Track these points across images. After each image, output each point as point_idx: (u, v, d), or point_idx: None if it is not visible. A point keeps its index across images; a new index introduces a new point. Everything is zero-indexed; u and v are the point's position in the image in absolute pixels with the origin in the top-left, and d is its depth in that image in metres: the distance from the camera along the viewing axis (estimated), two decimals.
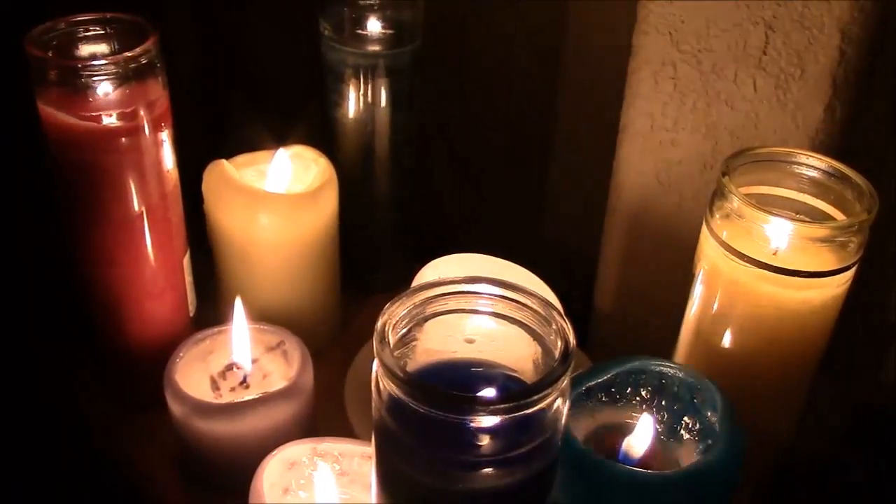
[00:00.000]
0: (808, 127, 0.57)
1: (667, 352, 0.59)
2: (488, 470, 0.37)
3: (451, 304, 0.41)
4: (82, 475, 0.67)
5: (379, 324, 0.38)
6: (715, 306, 0.53)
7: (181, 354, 0.60)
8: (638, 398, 0.51)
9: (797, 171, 0.53)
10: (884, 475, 0.59)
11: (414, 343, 0.41)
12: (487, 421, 0.36)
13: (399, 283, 0.73)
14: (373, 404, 0.39)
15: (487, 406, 0.36)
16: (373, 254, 0.77)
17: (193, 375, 0.60)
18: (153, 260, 0.61)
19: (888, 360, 0.62)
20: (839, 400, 0.62)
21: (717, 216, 0.52)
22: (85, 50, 0.58)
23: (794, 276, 0.50)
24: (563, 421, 0.39)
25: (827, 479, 0.61)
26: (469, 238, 0.79)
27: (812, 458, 0.62)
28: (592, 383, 0.51)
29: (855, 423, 0.63)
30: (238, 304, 0.61)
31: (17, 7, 0.61)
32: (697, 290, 0.55)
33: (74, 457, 0.67)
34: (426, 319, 0.41)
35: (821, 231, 0.50)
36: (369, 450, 0.41)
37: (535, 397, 0.36)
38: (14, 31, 0.56)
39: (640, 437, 0.49)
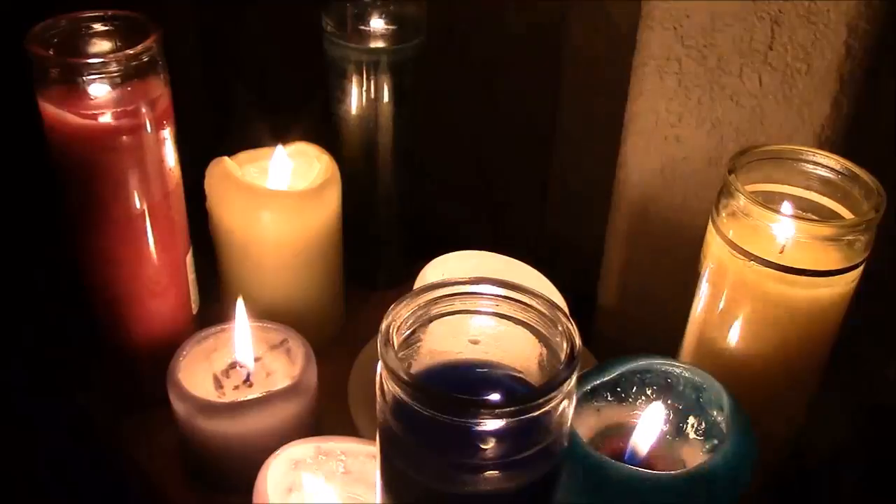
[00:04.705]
0: (815, 123, 0.56)
1: (672, 350, 0.58)
2: (493, 473, 0.37)
3: (456, 305, 0.41)
4: (85, 474, 0.67)
5: (383, 326, 0.38)
6: (721, 305, 0.53)
7: (184, 353, 0.59)
8: (643, 397, 0.51)
9: (804, 168, 0.53)
10: (892, 474, 0.59)
11: (418, 344, 0.41)
12: (493, 424, 0.36)
13: (403, 280, 0.73)
14: (377, 406, 0.39)
15: (493, 409, 0.36)
16: (376, 251, 0.77)
17: (197, 374, 0.60)
18: (155, 258, 0.61)
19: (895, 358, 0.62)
20: (847, 399, 0.62)
21: (724, 214, 0.52)
22: (86, 48, 0.58)
23: (800, 274, 0.49)
24: (569, 423, 0.39)
25: (835, 479, 0.61)
26: (473, 234, 0.78)
27: (819, 458, 0.61)
28: (598, 382, 0.51)
29: (863, 422, 0.62)
30: (240, 303, 0.61)
31: (18, 4, 0.61)
32: (703, 289, 0.54)
33: (78, 455, 0.67)
34: (431, 320, 0.40)
35: (828, 230, 0.50)
36: (373, 449, 0.41)
37: (541, 400, 0.36)
38: (15, 29, 0.55)
39: (646, 431, 0.49)
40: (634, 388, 0.51)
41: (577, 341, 0.38)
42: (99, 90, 0.55)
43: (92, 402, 0.67)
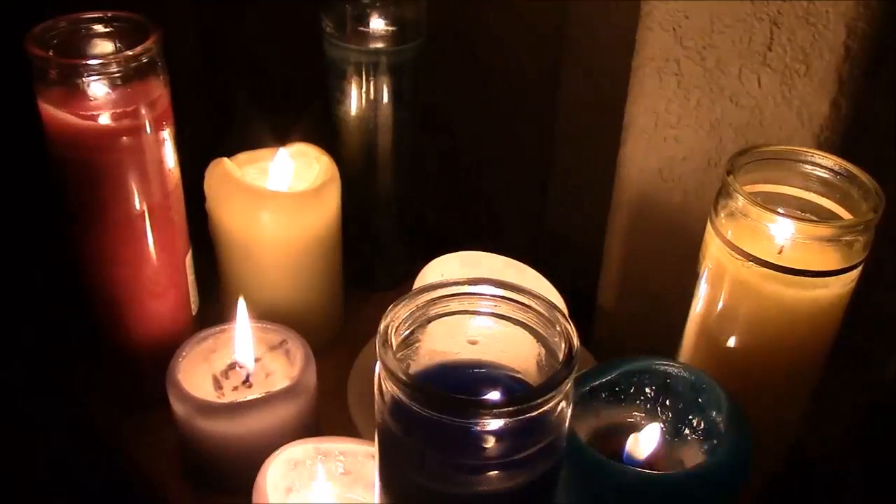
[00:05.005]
0: (814, 124, 0.56)
1: (671, 350, 0.59)
2: (492, 473, 0.37)
3: (455, 305, 0.41)
4: (85, 474, 0.67)
5: (382, 326, 0.38)
6: (720, 305, 0.53)
7: (184, 354, 0.59)
8: (642, 398, 0.51)
9: (803, 169, 0.53)
10: (892, 474, 0.59)
11: (417, 344, 0.41)
12: (491, 424, 0.36)
13: (402, 281, 0.73)
14: (375, 407, 0.39)
15: (491, 409, 0.36)
16: (375, 251, 0.77)
17: (196, 375, 0.60)
18: (155, 259, 0.61)
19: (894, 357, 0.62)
20: (847, 399, 0.62)
21: (722, 215, 0.52)
22: (86, 49, 0.58)
23: (799, 275, 0.49)
24: (567, 423, 0.39)
25: (835, 479, 0.61)
26: (472, 234, 0.78)
27: (819, 458, 0.62)
28: (597, 383, 0.51)
29: (862, 422, 0.63)
30: (241, 303, 0.61)
31: (17, 5, 0.61)
32: (702, 289, 0.54)
33: (78, 455, 0.67)
34: (429, 321, 0.41)
35: (826, 230, 0.50)
36: (372, 449, 0.41)
37: (539, 400, 0.36)
38: (15, 30, 0.55)
39: (646, 441, 0.49)
40: (634, 388, 0.51)
41: (576, 342, 0.38)
42: (99, 91, 0.55)
43: (92, 402, 0.67)
